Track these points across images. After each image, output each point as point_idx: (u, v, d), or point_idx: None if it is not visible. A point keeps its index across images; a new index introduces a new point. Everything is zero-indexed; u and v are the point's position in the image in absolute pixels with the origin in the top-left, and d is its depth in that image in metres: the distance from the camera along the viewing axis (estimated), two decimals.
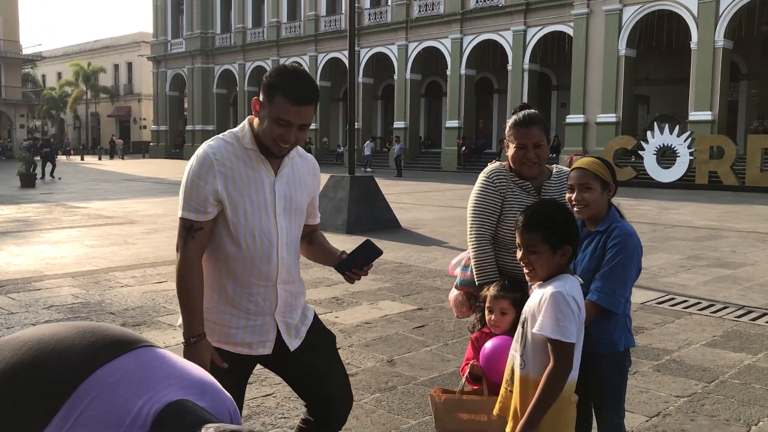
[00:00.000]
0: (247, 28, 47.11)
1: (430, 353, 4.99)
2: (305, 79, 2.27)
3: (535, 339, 2.23)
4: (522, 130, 2.92)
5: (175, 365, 1.52)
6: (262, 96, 2.28)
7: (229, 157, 2.31)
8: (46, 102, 62.28)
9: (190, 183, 2.30)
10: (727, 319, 6.04)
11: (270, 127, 2.25)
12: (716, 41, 25.45)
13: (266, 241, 2.35)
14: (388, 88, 41.17)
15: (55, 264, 8.42)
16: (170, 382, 1.45)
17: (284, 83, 2.23)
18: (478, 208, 2.98)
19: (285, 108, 2.22)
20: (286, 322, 2.46)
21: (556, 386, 2.19)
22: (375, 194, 12.40)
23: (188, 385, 1.47)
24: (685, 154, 23.67)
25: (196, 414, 1.39)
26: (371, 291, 7.02)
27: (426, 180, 27.69)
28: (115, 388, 1.37)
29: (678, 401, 4.10)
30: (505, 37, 32.81)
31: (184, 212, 2.31)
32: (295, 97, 2.22)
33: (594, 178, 2.63)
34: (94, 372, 1.39)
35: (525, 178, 2.97)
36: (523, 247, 2.29)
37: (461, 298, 3.12)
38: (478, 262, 2.95)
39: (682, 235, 11.51)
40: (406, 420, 3.80)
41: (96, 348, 1.45)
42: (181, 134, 53.23)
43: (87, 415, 1.33)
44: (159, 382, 1.43)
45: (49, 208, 15.59)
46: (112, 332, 1.52)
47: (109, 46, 66.07)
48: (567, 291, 2.20)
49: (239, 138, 2.35)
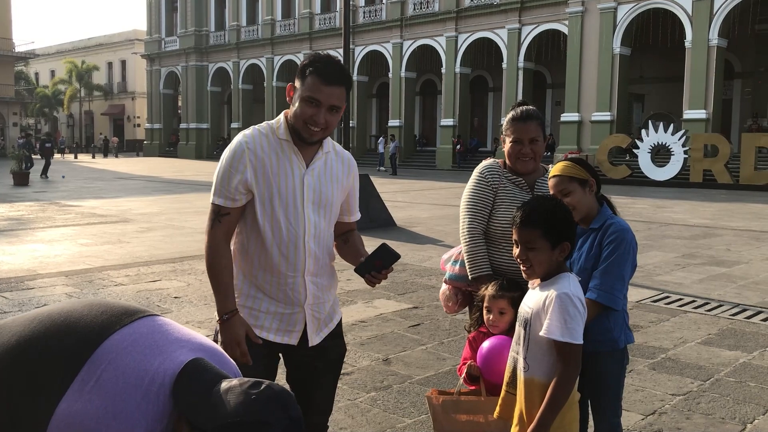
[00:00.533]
0: (242, 25, 46.98)
1: (426, 352, 4.98)
2: (337, 62, 2.35)
3: (539, 341, 2.20)
4: (519, 125, 2.93)
5: (181, 330, 1.61)
6: (296, 79, 2.35)
7: (263, 146, 2.36)
8: (39, 100, 62.01)
9: (222, 170, 2.36)
10: (722, 318, 6.05)
11: (301, 108, 2.30)
12: (710, 40, 25.51)
13: (293, 231, 2.37)
14: (383, 87, 41.12)
15: (49, 263, 8.38)
16: (181, 344, 1.53)
17: (316, 64, 2.30)
18: (470, 202, 3.01)
19: (315, 86, 2.27)
20: (314, 316, 2.47)
21: (568, 389, 2.18)
22: (370, 192, 12.38)
23: (197, 347, 1.56)
24: (680, 153, 23.72)
25: (214, 370, 1.48)
26: (366, 290, 7.00)
27: (421, 178, 27.69)
28: (129, 351, 1.45)
29: (673, 399, 4.10)
30: (500, 35, 32.82)
31: (214, 197, 2.38)
32: (325, 75, 2.27)
33: (570, 181, 2.62)
34: (107, 338, 1.46)
35: (519, 174, 2.98)
36: (521, 243, 2.25)
37: (449, 292, 3.14)
38: (470, 255, 2.95)
39: (677, 234, 11.53)
40: (402, 419, 3.79)
41: (105, 318, 1.52)
42: (176, 132, 53.07)
43: (106, 377, 1.40)
44: (170, 344, 1.51)
45: (42, 207, 15.52)
46: (118, 304, 1.61)
47: (102, 44, 65.82)
48: (572, 292, 2.17)
49: (274, 129, 2.41)
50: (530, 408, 2.21)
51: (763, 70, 30.55)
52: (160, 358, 1.46)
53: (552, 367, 2.19)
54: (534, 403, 2.20)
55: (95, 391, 1.38)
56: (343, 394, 4.11)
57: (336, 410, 3.86)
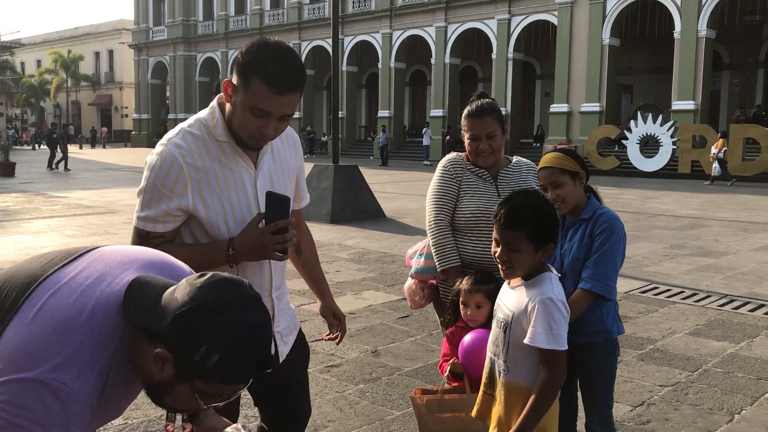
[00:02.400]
0: (230, 15, 46.65)
1: (415, 343, 4.96)
2: (289, 59, 1.86)
3: (519, 344, 2.11)
4: (474, 121, 2.92)
5: (128, 252, 1.58)
6: (236, 77, 1.86)
7: (201, 155, 1.93)
8: (25, 90, 61.39)
9: (151, 188, 1.91)
10: (710, 308, 6.07)
11: (244, 118, 1.87)
12: (699, 31, 25.56)
13: None
14: (373, 77, 40.97)
15: (35, 254, 8.28)
16: (126, 266, 1.50)
17: (263, 64, 1.82)
18: (435, 195, 3.01)
19: (264, 96, 1.83)
20: (278, 332, 2.17)
21: (552, 396, 2.11)
22: (359, 184, 12.35)
23: (144, 265, 1.52)
24: (668, 144, 23.81)
25: (160, 282, 1.44)
26: (355, 281, 6.98)
27: (411, 169, 27.65)
28: (71, 282, 1.43)
29: (662, 390, 4.11)
30: (490, 26, 32.75)
31: (140, 221, 1.93)
32: (277, 84, 1.82)
33: (561, 173, 2.60)
34: (51, 275, 1.45)
35: (481, 167, 2.98)
36: (503, 244, 2.12)
37: (414, 286, 3.12)
38: (438, 247, 2.94)
39: (665, 224, 11.57)
40: (390, 411, 3.77)
41: (50, 259, 1.53)
42: (164, 123, 52.70)
43: (47, 307, 1.38)
44: (114, 269, 1.48)
45: (28, 198, 15.38)
46: (69, 249, 1.61)
47: (89, 34, 65.14)
48: (556, 296, 2.09)
49: (209, 128, 1.96)
50: (509, 412, 2.14)
51: (751, 61, 30.68)
52: (104, 284, 1.43)
53: (533, 370, 2.11)
54: (514, 407, 2.13)
55: (38, 319, 1.36)
56: (331, 387, 4.09)
57: (324, 402, 3.85)
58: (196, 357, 1.30)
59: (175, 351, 1.32)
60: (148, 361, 1.36)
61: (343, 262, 7.97)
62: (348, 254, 8.55)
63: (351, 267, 7.76)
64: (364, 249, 8.97)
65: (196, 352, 1.30)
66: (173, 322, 1.31)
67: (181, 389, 1.37)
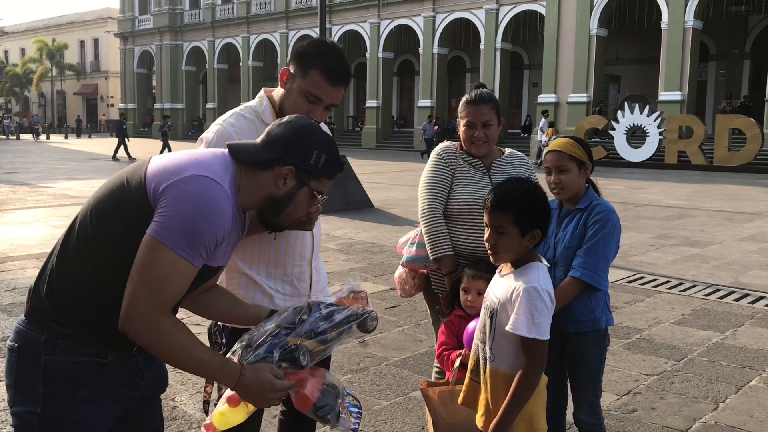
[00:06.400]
0: (216, 4, 46.25)
1: (403, 333, 4.97)
2: (343, 57, 2.18)
3: (505, 333, 2.12)
4: (472, 108, 2.94)
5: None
6: (294, 67, 2.16)
7: (251, 134, 2.15)
8: (9, 79, 60.71)
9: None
10: (695, 298, 6.12)
11: (297, 101, 2.14)
12: (686, 21, 25.62)
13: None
14: (360, 67, 40.79)
15: (20, 245, 8.22)
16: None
17: (322, 58, 2.12)
18: (429, 183, 3.01)
19: (321, 85, 2.12)
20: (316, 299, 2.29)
21: (532, 385, 2.11)
22: (347, 174, 12.31)
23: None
24: (655, 134, 23.90)
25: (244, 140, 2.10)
26: (343, 271, 6.97)
27: (399, 160, 27.62)
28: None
29: (648, 379, 4.14)
30: (478, 16, 32.67)
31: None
32: (332, 75, 2.12)
33: (570, 159, 2.60)
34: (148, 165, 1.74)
35: (475, 156, 2.98)
36: (491, 227, 2.16)
37: (405, 275, 3.13)
38: (431, 235, 2.94)
39: (652, 215, 11.63)
40: (378, 401, 3.78)
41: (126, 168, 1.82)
42: (150, 112, 52.29)
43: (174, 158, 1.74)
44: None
45: (13, 188, 15.23)
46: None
47: (74, 22, 64.42)
48: (541, 285, 2.08)
49: (258, 113, 2.23)
50: (495, 398, 2.16)
51: (738, 52, 30.83)
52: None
53: (517, 358, 2.12)
54: (499, 393, 2.14)
55: (173, 157, 1.74)
56: None
57: None
58: (312, 160, 1.77)
59: (295, 161, 1.75)
60: (268, 183, 1.75)
61: (332, 253, 7.96)
62: (336, 245, 8.53)
63: (339, 257, 7.75)
64: (352, 239, 8.96)
65: (312, 156, 1.76)
66: (291, 140, 1.76)
67: (300, 194, 1.78)
